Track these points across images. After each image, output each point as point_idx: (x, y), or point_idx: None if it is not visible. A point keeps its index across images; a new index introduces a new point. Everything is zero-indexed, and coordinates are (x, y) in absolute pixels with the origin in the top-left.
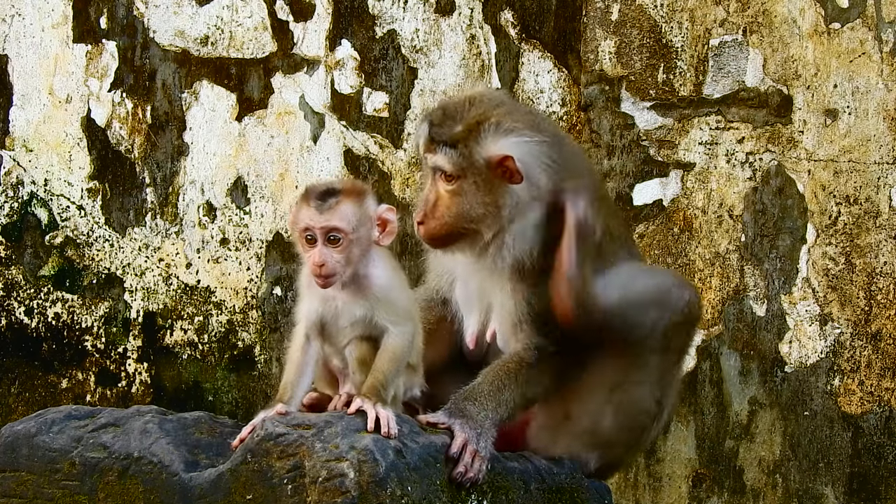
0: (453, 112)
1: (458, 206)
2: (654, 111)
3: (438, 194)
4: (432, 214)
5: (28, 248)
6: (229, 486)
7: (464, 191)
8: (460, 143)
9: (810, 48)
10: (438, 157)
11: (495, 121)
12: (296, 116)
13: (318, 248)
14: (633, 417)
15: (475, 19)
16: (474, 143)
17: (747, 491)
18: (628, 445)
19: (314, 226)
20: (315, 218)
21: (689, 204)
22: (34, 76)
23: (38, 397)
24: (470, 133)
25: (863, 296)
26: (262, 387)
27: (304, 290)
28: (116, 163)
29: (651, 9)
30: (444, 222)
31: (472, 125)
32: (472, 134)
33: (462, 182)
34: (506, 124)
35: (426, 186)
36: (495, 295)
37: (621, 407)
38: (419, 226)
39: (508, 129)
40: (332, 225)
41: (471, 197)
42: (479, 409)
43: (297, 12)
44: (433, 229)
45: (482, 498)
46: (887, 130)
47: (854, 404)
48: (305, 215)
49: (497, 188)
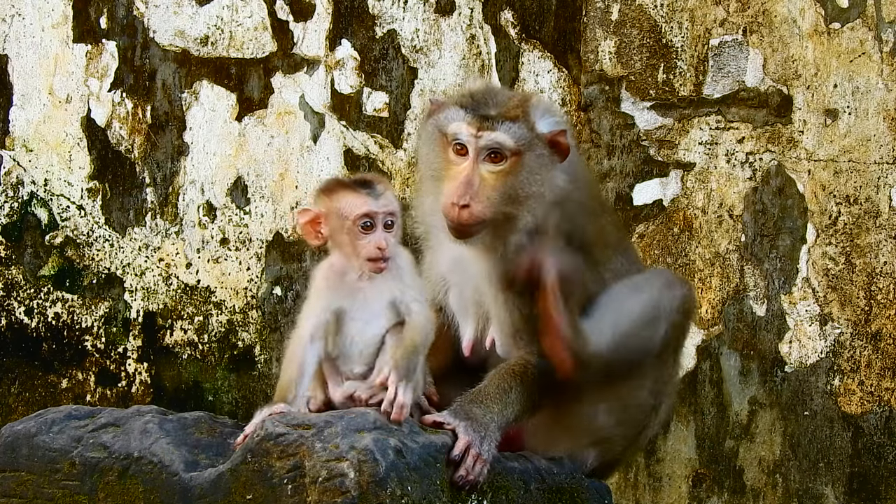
0: (490, 94)
1: (507, 186)
2: (654, 111)
3: (482, 176)
4: (478, 197)
5: (28, 248)
6: (229, 486)
7: (517, 168)
8: (521, 118)
9: (810, 48)
10: (498, 134)
11: (537, 99)
12: (296, 116)
13: (380, 234)
14: (631, 415)
15: (475, 19)
16: (534, 117)
17: (747, 491)
18: (627, 443)
19: (377, 211)
20: (374, 204)
21: (689, 204)
22: (34, 76)
23: (38, 397)
24: (526, 109)
25: (863, 296)
26: (262, 387)
27: (322, 286)
28: (116, 163)
29: (651, 9)
30: (490, 203)
31: (523, 102)
32: (528, 110)
33: (517, 159)
34: (545, 104)
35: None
36: (492, 305)
37: (619, 404)
38: (461, 209)
39: (551, 109)
40: (391, 209)
41: (524, 174)
42: (485, 412)
43: (297, 12)
44: (479, 212)
45: (482, 498)
46: (887, 130)
47: (854, 404)
48: (362, 202)
49: (548, 167)
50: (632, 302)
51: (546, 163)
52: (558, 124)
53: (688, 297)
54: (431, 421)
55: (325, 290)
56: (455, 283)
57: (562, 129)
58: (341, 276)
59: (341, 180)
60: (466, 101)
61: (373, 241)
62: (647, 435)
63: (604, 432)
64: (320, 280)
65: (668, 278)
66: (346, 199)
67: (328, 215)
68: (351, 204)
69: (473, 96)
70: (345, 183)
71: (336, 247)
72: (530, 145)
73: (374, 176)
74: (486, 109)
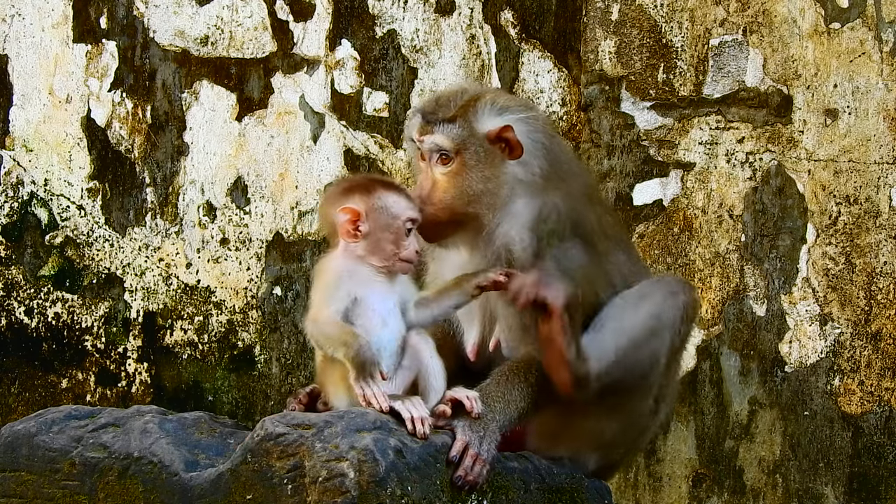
0: (446, 98)
1: (456, 187)
2: (654, 111)
3: (434, 179)
4: (430, 199)
5: (28, 248)
6: (229, 486)
7: (463, 168)
8: (459, 118)
9: (810, 48)
10: (436, 136)
11: (490, 98)
12: (296, 116)
13: (414, 237)
14: (633, 421)
15: (475, 19)
16: (472, 117)
17: (747, 491)
18: (627, 447)
19: (418, 217)
20: (415, 211)
21: (689, 204)
22: (34, 76)
23: (38, 397)
24: (468, 109)
25: (863, 296)
26: (262, 387)
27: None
28: (116, 163)
29: (651, 9)
30: (443, 206)
31: (469, 103)
32: (469, 110)
33: (461, 158)
34: (501, 101)
35: (419, 177)
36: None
37: (622, 413)
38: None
39: (504, 106)
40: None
41: (470, 173)
42: (486, 411)
43: (297, 12)
44: (431, 215)
45: (482, 498)
46: (887, 130)
47: (854, 404)
48: (410, 207)
49: (496, 164)
50: (635, 317)
51: (492, 160)
52: (504, 121)
53: (691, 304)
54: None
55: (346, 277)
56: None
57: (504, 125)
58: (354, 270)
59: (377, 180)
60: (423, 105)
61: (413, 243)
62: (647, 437)
63: (605, 438)
64: (337, 268)
65: (671, 287)
66: (394, 200)
67: (372, 213)
68: (401, 205)
69: (429, 100)
70: (386, 183)
71: (373, 243)
72: (467, 144)
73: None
74: (432, 112)
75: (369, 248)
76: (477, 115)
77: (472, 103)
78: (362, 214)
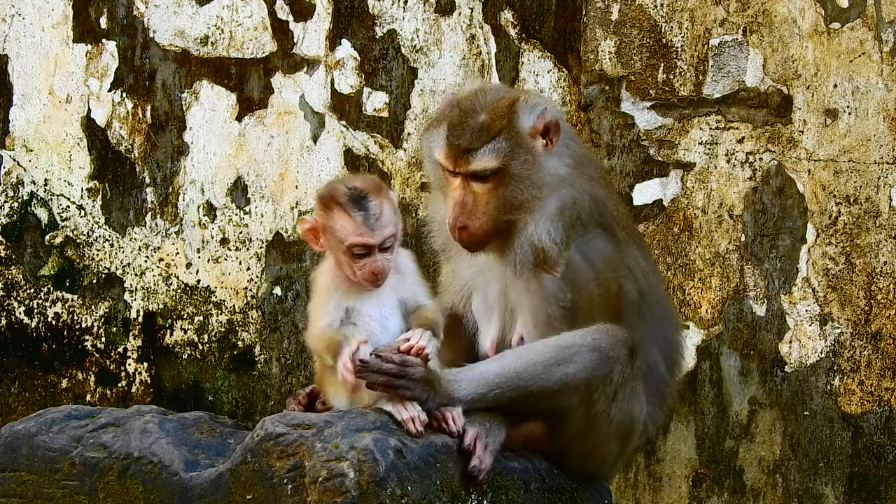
0: (472, 108)
1: (500, 198)
2: (654, 111)
3: (474, 194)
4: (473, 215)
5: (28, 248)
6: (229, 486)
7: (507, 179)
8: (504, 130)
9: (810, 48)
10: (479, 163)
11: (524, 97)
12: (296, 116)
13: (375, 258)
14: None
15: (475, 19)
16: (517, 121)
17: (747, 491)
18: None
19: (373, 243)
20: (369, 235)
21: (689, 204)
22: (34, 76)
23: (38, 397)
24: (509, 115)
25: (863, 296)
26: (262, 387)
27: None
28: (116, 163)
29: (651, 9)
30: (488, 218)
31: (505, 109)
32: (511, 115)
33: (505, 171)
34: (533, 97)
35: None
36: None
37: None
38: (461, 231)
39: (532, 98)
40: (387, 235)
41: (516, 182)
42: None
43: (297, 12)
44: (478, 229)
45: (482, 498)
46: (887, 130)
47: (854, 404)
48: (357, 231)
49: (538, 162)
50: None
51: (536, 161)
52: (542, 110)
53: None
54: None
55: (334, 289)
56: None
57: (543, 111)
58: (343, 279)
59: (338, 195)
60: (449, 123)
61: (368, 265)
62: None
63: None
64: (326, 281)
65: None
66: (341, 223)
67: (325, 230)
68: (346, 230)
69: (454, 119)
70: (340, 202)
71: (335, 258)
72: (514, 154)
73: (370, 186)
74: (463, 138)
75: (336, 262)
76: (520, 118)
77: (509, 108)
78: (320, 229)
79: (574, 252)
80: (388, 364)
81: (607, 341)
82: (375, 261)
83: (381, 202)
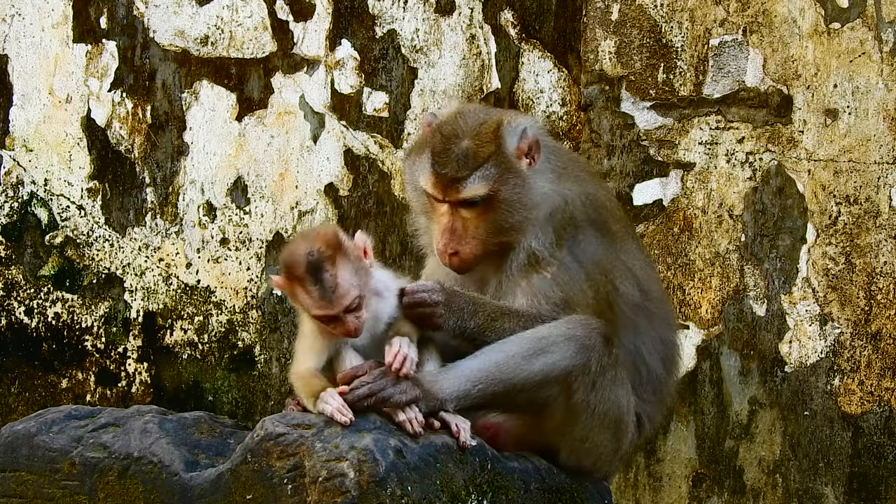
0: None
1: (490, 223)
2: (654, 111)
3: (463, 220)
4: (463, 240)
5: (28, 248)
6: (229, 486)
7: (496, 203)
8: (492, 156)
9: (810, 48)
10: (469, 191)
11: (506, 120)
12: (296, 116)
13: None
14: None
15: (475, 19)
16: (503, 145)
17: (747, 491)
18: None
19: (334, 313)
20: (328, 307)
21: (689, 204)
22: (34, 76)
23: (38, 397)
24: (496, 140)
25: (863, 296)
26: (262, 387)
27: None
28: (116, 163)
29: (651, 9)
30: (478, 242)
31: (490, 134)
32: (497, 142)
33: (495, 196)
34: (514, 118)
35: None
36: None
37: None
38: (452, 257)
39: (513, 118)
40: (347, 303)
41: (506, 205)
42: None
43: (297, 12)
44: (469, 254)
45: (482, 498)
46: (887, 130)
47: (854, 404)
48: (315, 306)
49: (528, 184)
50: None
51: (525, 182)
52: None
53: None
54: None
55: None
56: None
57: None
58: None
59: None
60: (433, 151)
61: (338, 328)
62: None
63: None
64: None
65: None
66: (301, 296)
67: (291, 295)
68: (306, 302)
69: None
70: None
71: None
72: (504, 179)
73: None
74: (450, 167)
75: None
76: (505, 141)
77: (495, 133)
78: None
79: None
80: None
81: (582, 330)
82: (344, 323)
83: (336, 271)
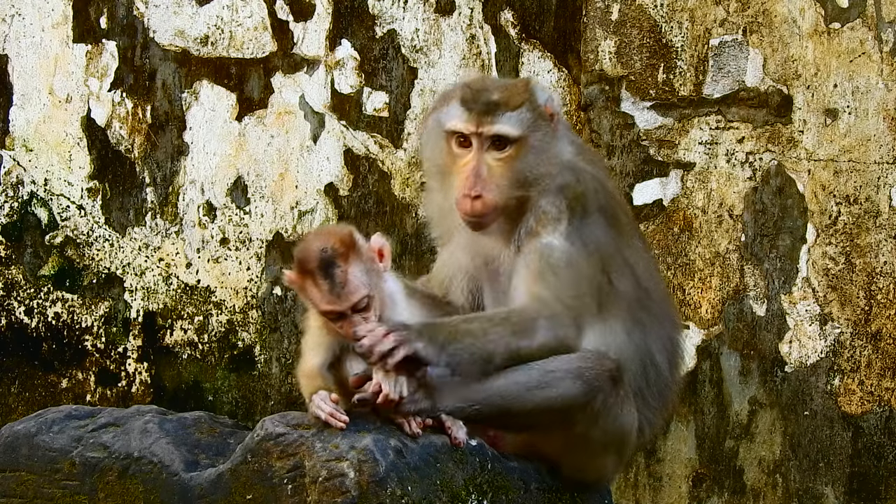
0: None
1: (516, 171)
2: (654, 111)
3: (489, 164)
4: (489, 185)
5: (28, 248)
6: (229, 486)
7: (523, 152)
8: (525, 104)
9: (810, 48)
10: (500, 125)
11: (535, 81)
12: (296, 116)
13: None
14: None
15: (475, 19)
16: (535, 98)
17: (747, 491)
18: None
19: (342, 310)
20: (337, 303)
21: (689, 204)
22: (34, 76)
23: (38, 397)
24: (528, 92)
25: (863, 296)
26: (262, 387)
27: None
28: (116, 163)
29: (651, 9)
30: (500, 191)
31: (522, 87)
32: (529, 92)
33: (523, 143)
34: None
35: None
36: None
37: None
38: (474, 200)
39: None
40: (355, 301)
41: (531, 156)
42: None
43: (297, 12)
44: (491, 200)
45: (482, 498)
46: (887, 130)
47: (854, 404)
48: (324, 301)
49: (554, 140)
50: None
51: (550, 139)
52: (548, 96)
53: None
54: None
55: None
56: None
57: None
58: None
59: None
60: (466, 94)
61: (345, 328)
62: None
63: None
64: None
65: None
66: (310, 290)
67: (301, 291)
68: (315, 297)
69: (472, 88)
70: (309, 268)
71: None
72: (536, 126)
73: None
74: (486, 102)
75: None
76: (537, 96)
77: (526, 86)
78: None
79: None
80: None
81: (592, 371)
82: (352, 323)
83: (348, 268)
